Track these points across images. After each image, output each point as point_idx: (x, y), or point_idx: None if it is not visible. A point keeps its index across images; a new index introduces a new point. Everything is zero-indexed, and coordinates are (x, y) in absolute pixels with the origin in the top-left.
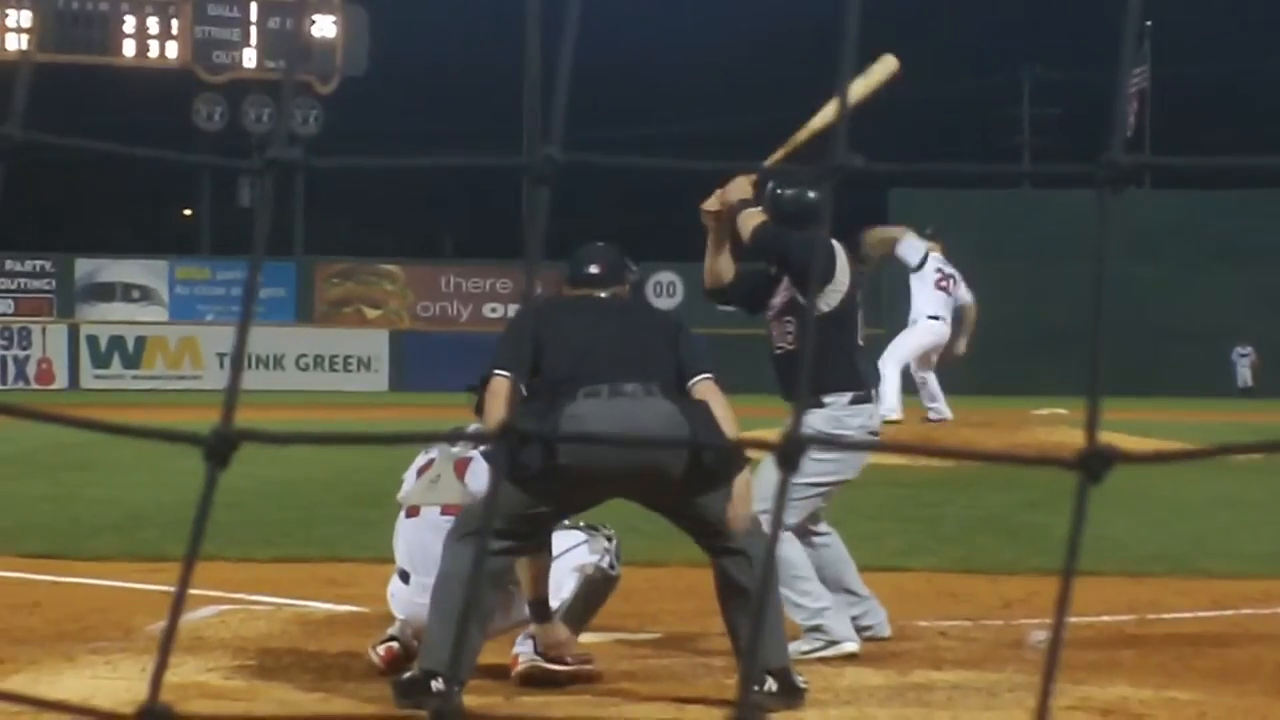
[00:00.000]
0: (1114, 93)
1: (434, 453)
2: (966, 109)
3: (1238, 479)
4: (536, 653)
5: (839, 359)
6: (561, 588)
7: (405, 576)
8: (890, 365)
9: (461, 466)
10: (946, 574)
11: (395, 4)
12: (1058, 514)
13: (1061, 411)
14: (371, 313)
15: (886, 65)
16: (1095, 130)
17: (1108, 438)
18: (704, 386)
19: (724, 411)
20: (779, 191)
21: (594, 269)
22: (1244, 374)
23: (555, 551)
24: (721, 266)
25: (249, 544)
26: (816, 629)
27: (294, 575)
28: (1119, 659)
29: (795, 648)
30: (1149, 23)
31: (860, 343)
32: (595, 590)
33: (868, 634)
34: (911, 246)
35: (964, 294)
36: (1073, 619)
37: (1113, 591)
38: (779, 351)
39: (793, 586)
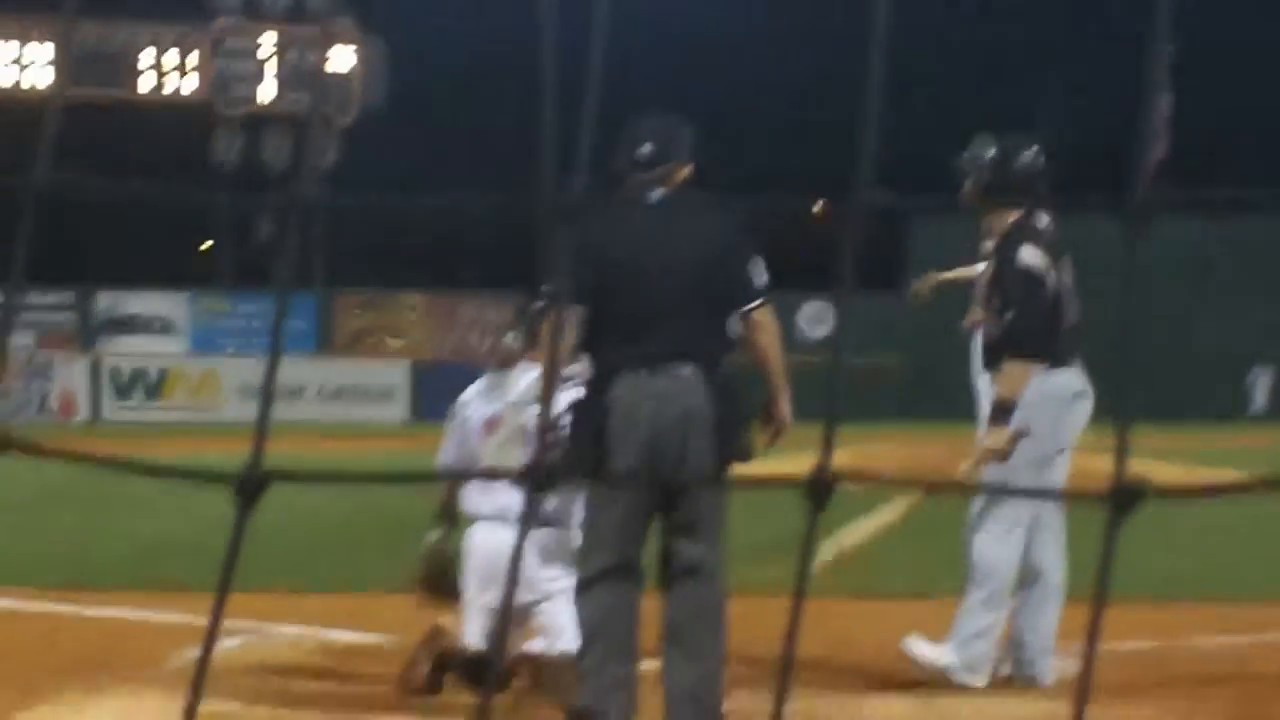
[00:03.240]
0: (1135, 140)
1: (496, 404)
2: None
3: (1264, 502)
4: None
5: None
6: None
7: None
8: None
9: None
10: None
11: (414, 34)
12: (1087, 540)
13: (1091, 437)
14: (393, 343)
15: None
16: (1119, 156)
17: (1137, 466)
18: (756, 317)
19: (772, 345)
20: (1004, 159)
21: (645, 149)
22: (1260, 397)
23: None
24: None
25: (272, 573)
26: (964, 646)
27: (317, 605)
28: (1144, 684)
29: (939, 655)
30: (1172, 48)
31: (1071, 321)
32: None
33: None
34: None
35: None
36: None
37: (1138, 616)
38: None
39: (982, 592)
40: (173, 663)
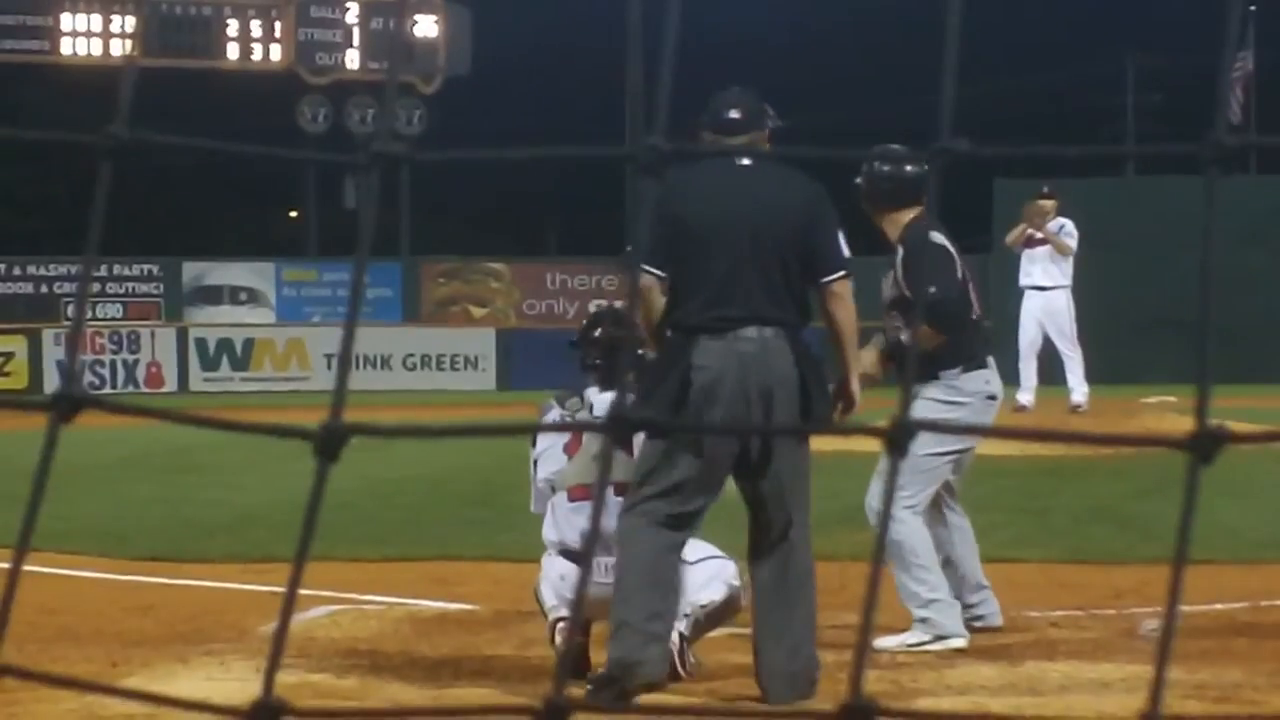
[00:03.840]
0: (1218, 75)
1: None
2: (1069, 99)
3: None
4: (680, 637)
5: (954, 339)
6: (707, 589)
7: (574, 557)
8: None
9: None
10: (1057, 564)
11: (498, 3)
12: (1169, 502)
13: (1170, 399)
14: (478, 311)
15: None
16: (1200, 117)
17: (1217, 423)
18: (836, 289)
19: (848, 319)
20: (875, 167)
21: (734, 114)
22: None
23: (696, 556)
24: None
25: (359, 543)
26: (925, 621)
27: (404, 574)
28: (1232, 647)
29: (903, 640)
30: (1253, 7)
31: (976, 313)
32: (730, 609)
33: (980, 623)
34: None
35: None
36: (1185, 607)
37: (1225, 579)
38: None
39: (910, 572)
40: (261, 633)
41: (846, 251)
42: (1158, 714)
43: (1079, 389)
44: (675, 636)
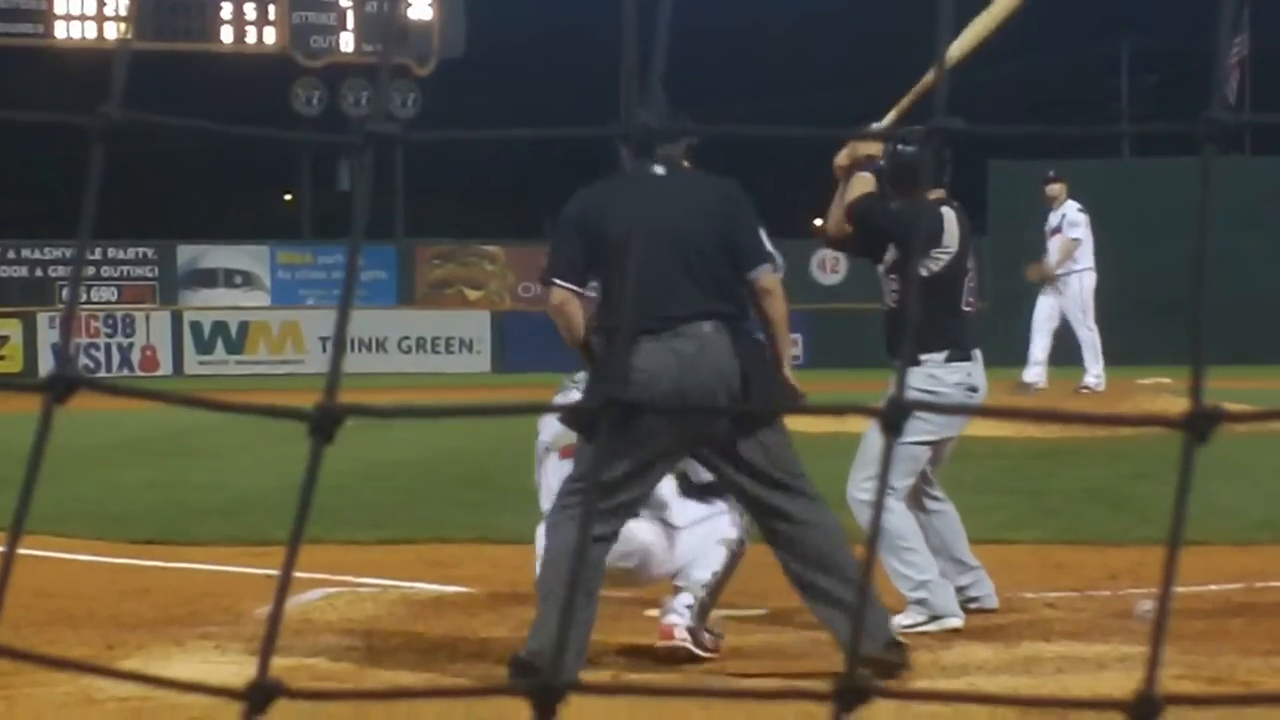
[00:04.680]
0: (1214, 55)
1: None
2: (1063, 81)
3: None
4: (690, 631)
5: (939, 320)
6: (704, 561)
7: None
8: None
9: None
10: (1053, 545)
11: None
12: (1164, 484)
13: (1166, 380)
14: (473, 294)
15: None
16: (1195, 99)
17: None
18: (763, 281)
19: (778, 312)
20: (900, 148)
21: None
22: None
23: (687, 520)
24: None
25: (354, 526)
26: (920, 602)
27: (400, 557)
28: (1227, 628)
29: (897, 621)
30: None
31: (968, 305)
32: (735, 564)
33: (974, 605)
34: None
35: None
36: (1180, 588)
37: (1220, 560)
38: (887, 307)
39: (898, 555)
40: (257, 616)
41: (769, 245)
42: (1153, 694)
43: (1090, 371)
44: (684, 630)
